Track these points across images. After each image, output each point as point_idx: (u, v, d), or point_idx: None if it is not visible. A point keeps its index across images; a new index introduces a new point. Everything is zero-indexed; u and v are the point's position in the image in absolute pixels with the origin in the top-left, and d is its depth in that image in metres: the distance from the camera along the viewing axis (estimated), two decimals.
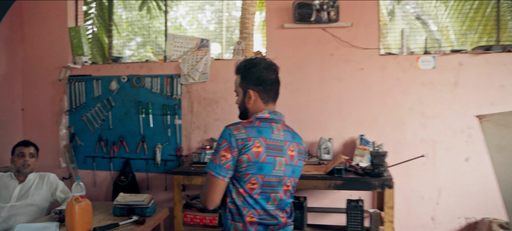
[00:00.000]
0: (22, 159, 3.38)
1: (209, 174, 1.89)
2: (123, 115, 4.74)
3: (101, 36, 6.31)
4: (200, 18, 7.77)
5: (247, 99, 2.01)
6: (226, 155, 1.86)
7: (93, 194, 4.84)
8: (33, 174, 3.46)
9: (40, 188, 3.39)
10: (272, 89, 2.03)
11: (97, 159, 4.83)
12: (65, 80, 4.88)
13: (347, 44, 4.19)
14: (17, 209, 3.26)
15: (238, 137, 1.87)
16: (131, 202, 3.18)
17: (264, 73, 1.99)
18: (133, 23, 6.56)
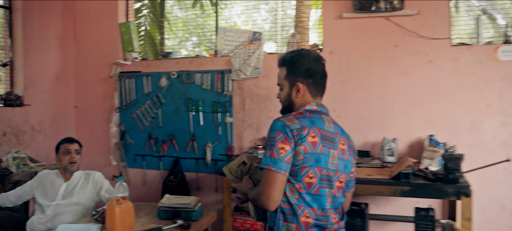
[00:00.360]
0: (68, 155, 3.26)
1: (268, 170, 1.70)
2: (173, 112, 4.58)
3: (154, 33, 6.24)
4: (255, 18, 7.56)
5: (295, 93, 1.88)
6: (285, 147, 1.71)
7: (142, 193, 4.72)
8: (79, 172, 3.33)
9: (85, 186, 3.26)
10: (321, 82, 1.92)
11: (147, 157, 4.70)
12: (116, 77, 4.79)
13: (413, 34, 3.77)
14: (62, 207, 3.14)
15: (292, 127, 1.73)
16: (176, 204, 2.96)
17: (314, 66, 1.88)
18: (188, 22, 6.42)
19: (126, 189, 2.84)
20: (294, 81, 1.88)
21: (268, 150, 1.73)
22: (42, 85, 4.65)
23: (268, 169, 1.70)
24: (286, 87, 1.92)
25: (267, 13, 7.97)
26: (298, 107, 1.88)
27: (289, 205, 1.74)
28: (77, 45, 5.06)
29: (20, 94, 4.40)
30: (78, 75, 5.07)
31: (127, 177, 4.77)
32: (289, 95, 1.91)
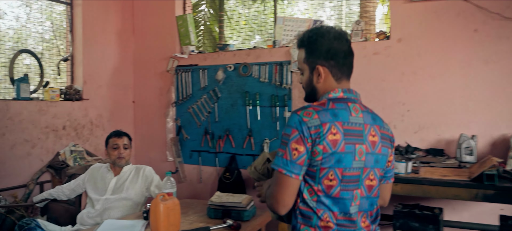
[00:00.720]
0: (116, 151, 3.16)
1: (279, 172, 1.51)
2: (229, 106, 4.40)
3: (213, 27, 6.12)
4: (319, 15, 7.28)
5: (316, 78, 1.65)
6: (299, 148, 1.49)
7: (198, 190, 4.58)
8: (129, 166, 3.22)
9: (135, 181, 3.13)
10: (345, 63, 1.66)
11: (203, 153, 4.56)
12: (173, 71, 4.69)
13: (497, 17, 3.31)
14: (111, 202, 3.04)
15: (310, 124, 1.49)
16: (227, 203, 2.75)
17: (335, 44, 1.63)
18: (251, 19, 6.23)
19: (174, 185, 2.67)
20: (314, 64, 1.65)
21: (281, 148, 1.53)
22: (100, 80, 4.65)
23: (278, 171, 1.52)
24: (307, 71, 1.69)
25: (332, 11, 7.64)
26: (322, 94, 1.65)
27: (308, 208, 1.55)
28: (135, 40, 5.04)
29: (79, 88, 4.41)
30: (136, 70, 5.04)
31: (183, 173, 4.65)
32: (310, 81, 1.68)
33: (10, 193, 3.78)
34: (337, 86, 1.64)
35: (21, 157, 3.90)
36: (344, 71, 1.65)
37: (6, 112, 3.78)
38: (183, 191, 4.66)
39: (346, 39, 1.66)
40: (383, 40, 3.72)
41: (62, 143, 4.21)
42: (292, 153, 1.49)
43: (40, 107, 4.04)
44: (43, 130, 4.06)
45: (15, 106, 3.84)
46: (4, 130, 3.77)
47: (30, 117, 3.96)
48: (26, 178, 3.92)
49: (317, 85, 1.65)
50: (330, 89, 1.63)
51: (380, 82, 3.71)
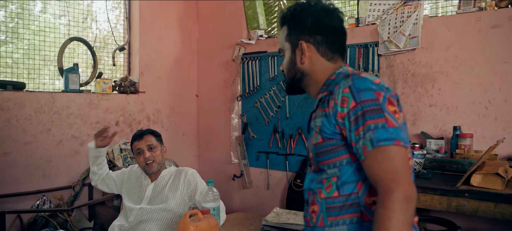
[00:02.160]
0: (141, 156, 2.51)
1: (396, 146, 1.11)
2: (302, 100, 3.68)
3: None
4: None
5: (299, 57, 1.40)
6: (396, 109, 1.18)
7: (266, 199, 3.91)
8: (168, 169, 2.60)
9: (175, 188, 2.50)
10: (336, 40, 1.39)
11: (271, 155, 3.88)
12: (238, 60, 4.07)
13: None
14: (147, 213, 2.44)
15: (385, 84, 1.23)
16: (286, 224, 2.03)
17: (323, 17, 1.38)
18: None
19: (217, 198, 2.02)
20: (296, 41, 1.40)
21: (375, 118, 1.15)
22: (159, 71, 4.17)
23: (395, 145, 1.11)
24: (288, 51, 1.44)
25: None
26: (315, 80, 1.40)
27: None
28: (199, 27, 4.50)
29: (135, 80, 3.96)
30: (200, 61, 4.50)
31: (248, 178, 4.01)
32: (292, 62, 1.43)
33: (54, 195, 3.40)
34: (333, 66, 1.38)
35: (68, 155, 3.51)
36: (335, 49, 1.39)
37: (52, 106, 3.40)
38: (248, 199, 4.02)
39: (338, 15, 1.41)
40: (507, 8, 2.76)
41: (114, 140, 3.76)
42: (394, 117, 1.15)
43: (90, 101, 3.63)
44: (93, 126, 3.64)
45: (62, 99, 3.46)
46: (50, 124, 3.40)
47: (79, 111, 3.56)
48: (73, 179, 3.52)
49: (302, 67, 1.40)
50: (327, 70, 1.37)
51: (501, 65, 2.76)
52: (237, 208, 4.05)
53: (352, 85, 1.20)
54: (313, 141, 1.32)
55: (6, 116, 3.18)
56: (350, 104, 1.19)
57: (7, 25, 3.49)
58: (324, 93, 1.33)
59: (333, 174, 1.27)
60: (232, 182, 4.12)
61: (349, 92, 1.19)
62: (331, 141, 1.26)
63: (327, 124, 1.26)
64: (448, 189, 2.19)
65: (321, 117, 1.28)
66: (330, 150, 1.27)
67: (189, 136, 4.44)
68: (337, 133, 1.24)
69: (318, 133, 1.29)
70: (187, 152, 4.39)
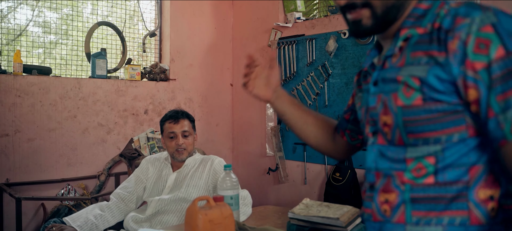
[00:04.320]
0: (173, 141, 2.28)
1: None
2: (343, 86, 3.36)
3: None
4: None
5: None
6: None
7: (303, 193, 3.60)
8: (193, 157, 2.36)
9: (199, 177, 2.25)
10: None
11: (308, 147, 3.57)
12: (274, 45, 3.80)
13: None
14: (166, 204, 2.19)
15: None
16: (316, 218, 1.72)
17: None
18: None
19: (235, 185, 1.76)
20: None
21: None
22: (191, 58, 3.96)
23: None
24: None
25: None
26: (404, 7, 0.95)
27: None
28: (234, 13, 4.26)
29: (165, 67, 3.78)
30: (235, 48, 4.27)
31: (284, 172, 3.72)
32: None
33: (79, 184, 3.26)
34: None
35: (94, 143, 3.36)
36: None
37: (78, 92, 3.27)
38: (285, 194, 3.73)
39: None
40: None
41: (142, 129, 3.60)
42: None
43: (118, 87, 3.47)
44: (121, 113, 3.49)
45: (88, 85, 3.32)
46: (76, 111, 3.27)
47: (106, 98, 3.41)
48: (99, 168, 3.37)
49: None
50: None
51: None
52: (272, 204, 3.77)
53: (497, 23, 0.79)
54: (399, 101, 0.91)
55: (31, 101, 3.07)
56: (496, 51, 0.79)
57: (60, 27, 3.46)
58: (419, 30, 0.91)
59: (430, 153, 0.89)
60: (267, 176, 3.84)
61: (494, 33, 0.79)
62: (440, 104, 0.86)
63: (442, 76, 0.85)
64: None
65: (426, 65, 0.87)
66: (436, 118, 0.87)
67: (223, 127, 4.21)
68: (454, 92, 0.85)
69: (417, 90, 0.87)
70: (221, 144, 4.15)
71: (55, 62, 3.49)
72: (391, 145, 0.95)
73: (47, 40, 3.47)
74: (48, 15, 3.47)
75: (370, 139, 1.02)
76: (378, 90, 0.98)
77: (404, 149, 0.92)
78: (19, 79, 3.02)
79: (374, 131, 1.00)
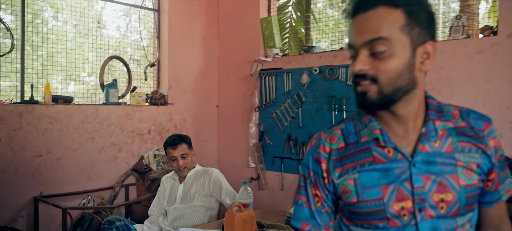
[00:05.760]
0: (175, 162, 3.00)
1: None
2: (314, 112, 4.17)
3: (299, 29, 5.93)
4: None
5: (419, 61, 1.05)
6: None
7: (280, 199, 4.39)
8: (194, 170, 3.08)
9: (202, 188, 2.99)
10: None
11: (285, 160, 4.37)
12: (256, 75, 4.57)
13: None
14: (181, 210, 2.95)
15: None
16: None
17: (433, 15, 1.08)
18: (340, 21, 5.95)
19: (250, 195, 2.52)
20: (422, 39, 1.04)
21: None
22: (185, 85, 4.67)
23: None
24: (403, 48, 1.03)
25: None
26: (421, 95, 1.10)
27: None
28: (220, 44, 5.00)
29: (164, 93, 4.46)
30: (220, 74, 5.01)
31: (264, 180, 4.50)
32: (409, 66, 1.04)
33: (98, 195, 3.89)
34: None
35: (109, 160, 4.01)
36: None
37: (95, 117, 3.90)
38: (264, 199, 4.51)
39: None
40: (489, 37, 3.25)
41: (146, 146, 4.27)
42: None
43: (127, 112, 4.13)
44: (129, 134, 4.14)
45: (104, 111, 3.96)
46: (94, 133, 3.89)
47: (117, 121, 4.05)
48: (113, 181, 4.02)
49: (418, 76, 1.06)
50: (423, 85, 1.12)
51: (484, 85, 3.24)
52: (254, 208, 4.53)
53: (494, 128, 1.15)
54: (461, 181, 1.08)
55: (59, 126, 3.68)
56: (499, 146, 1.15)
57: (18, 32, 3.67)
58: (449, 123, 1.11)
59: (468, 219, 1.13)
60: (250, 184, 4.60)
61: (497, 135, 1.17)
62: (482, 183, 1.12)
63: (487, 163, 1.12)
64: None
65: (478, 153, 1.11)
66: (479, 193, 1.13)
67: (210, 142, 4.94)
68: (487, 174, 1.14)
69: (475, 172, 1.10)
70: (209, 156, 4.88)
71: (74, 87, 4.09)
72: (443, 218, 1.08)
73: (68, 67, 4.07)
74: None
75: (412, 214, 1.07)
76: (422, 170, 1.08)
77: (454, 219, 1.09)
78: (50, 108, 3.63)
79: (421, 206, 1.07)
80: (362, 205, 1.11)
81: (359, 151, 1.14)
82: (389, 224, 1.09)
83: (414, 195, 1.06)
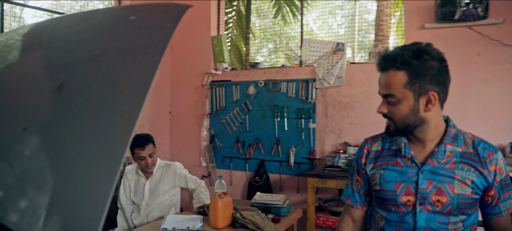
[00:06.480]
0: (143, 161, 3.27)
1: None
2: (259, 118, 4.93)
3: (239, 43, 6.67)
4: (330, 23, 7.78)
5: (423, 105, 1.47)
6: None
7: (230, 192, 5.10)
8: (157, 164, 3.42)
9: (168, 181, 3.40)
10: (448, 90, 1.54)
11: (234, 159, 5.09)
12: (207, 86, 5.24)
13: (497, 43, 3.82)
14: (150, 206, 3.36)
15: None
16: (267, 201, 3.28)
17: (444, 68, 1.48)
18: (265, 30, 6.81)
19: (225, 186, 3.20)
20: (423, 91, 1.45)
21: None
22: None
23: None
24: (408, 98, 1.46)
25: (343, 18, 8.16)
26: (436, 126, 1.52)
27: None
28: (173, 57, 5.61)
29: None
30: (173, 84, 5.61)
31: (215, 177, 5.18)
32: (413, 110, 1.48)
33: None
34: (441, 112, 1.55)
35: None
36: (446, 98, 1.53)
37: None
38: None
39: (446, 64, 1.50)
40: None
41: None
42: None
43: None
44: None
45: None
46: None
47: None
48: None
49: (424, 115, 1.47)
50: (441, 117, 1.55)
51: None
52: None
53: (502, 158, 1.51)
54: (456, 190, 1.46)
55: None
56: (504, 173, 1.50)
57: None
58: (459, 149, 1.50)
59: (461, 220, 1.49)
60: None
61: (503, 163, 1.51)
62: (476, 195, 1.48)
63: (484, 182, 1.48)
64: None
65: (476, 174, 1.47)
66: (472, 203, 1.48)
67: (164, 144, 5.52)
68: (483, 190, 1.49)
69: (469, 186, 1.46)
70: (163, 157, 5.40)
71: None
72: (438, 214, 1.47)
73: None
74: None
75: (413, 206, 1.50)
76: (427, 177, 1.49)
77: (447, 216, 1.47)
78: None
79: (421, 201, 1.49)
80: (382, 193, 1.57)
81: (388, 155, 1.60)
82: (398, 210, 1.54)
83: (417, 193, 1.48)
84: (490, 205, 1.53)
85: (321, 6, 5.69)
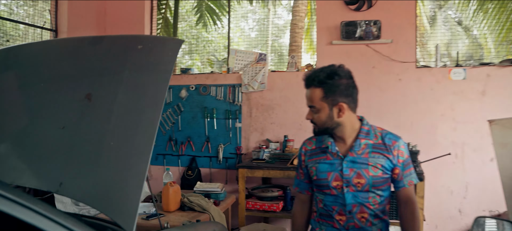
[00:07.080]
0: None
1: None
2: (190, 119, 5.53)
3: None
4: (242, 26, 8.45)
5: (336, 113, 1.92)
6: None
7: None
8: None
9: None
10: (357, 98, 2.02)
11: (167, 156, 5.64)
12: None
13: (387, 58, 4.81)
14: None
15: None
16: (208, 188, 3.93)
17: (351, 83, 1.95)
18: (182, 34, 7.39)
19: (172, 177, 3.79)
20: (335, 102, 1.90)
21: (412, 166, 2.02)
22: None
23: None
24: (325, 108, 1.92)
25: (254, 22, 8.90)
26: (351, 127, 1.98)
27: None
28: None
29: None
30: None
31: (150, 173, 5.70)
32: (329, 117, 1.93)
33: None
34: (356, 116, 2.02)
35: None
36: (356, 105, 2.00)
37: None
38: (151, 186, 5.69)
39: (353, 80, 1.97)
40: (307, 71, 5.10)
41: None
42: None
43: None
44: None
45: None
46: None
47: None
48: None
49: (338, 120, 1.91)
50: (356, 120, 2.00)
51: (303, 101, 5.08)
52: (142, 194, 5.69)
53: (404, 144, 1.94)
54: (370, 173, 1.87)
55: None
56: (405, 155, 1.94)
57: None
58: (371, 141, 1.93)
59: (378, 193, 1.91)
60: None
61: (404, 148, 1.94)
62: (386, 175, 1.90)
63: (390, 164, 1.89)
64: (283, 167, 4.32)
65: (384, 159, 1.89)
66: (384, 181, 1.91)
67: None
68: (390, 171, 1.91)
69: (379, 169, 1.88)
70: None
71: None
72: (360, 192, 1.90)
73: None
74: None
75: (341, 188, 1.92)
76: (349, 166, 1.92)
77: (367, 193, 1.90)
78: None
79: (347, 184, 1.91)
80: (318, 181, 2.01)
81: (320, 152, 2.03)
82: (331, 192, 1.97)
83: (343, 178, 1.92)
84: (396, 180, 1.98)
85: (234, 10, 6.37)
